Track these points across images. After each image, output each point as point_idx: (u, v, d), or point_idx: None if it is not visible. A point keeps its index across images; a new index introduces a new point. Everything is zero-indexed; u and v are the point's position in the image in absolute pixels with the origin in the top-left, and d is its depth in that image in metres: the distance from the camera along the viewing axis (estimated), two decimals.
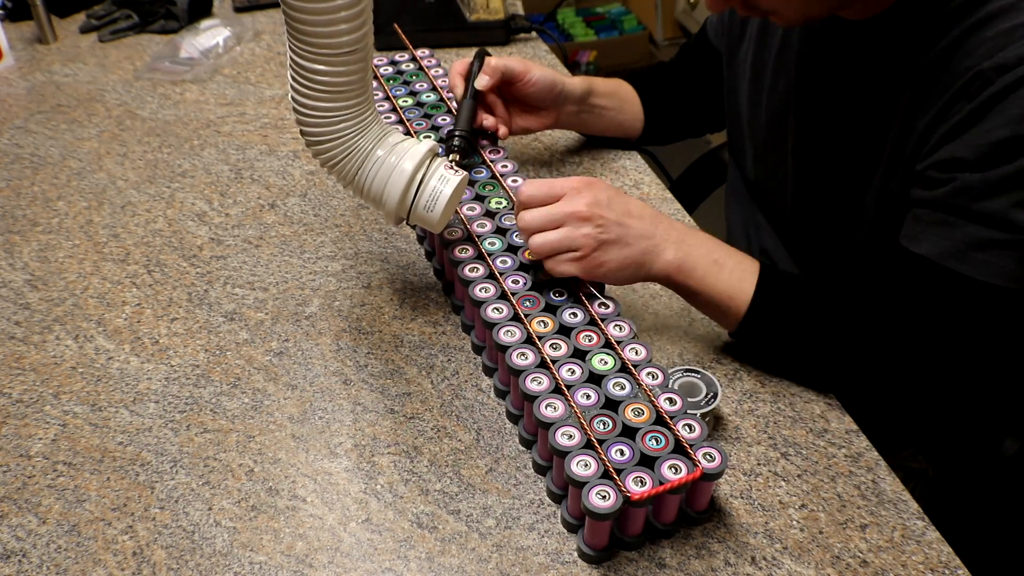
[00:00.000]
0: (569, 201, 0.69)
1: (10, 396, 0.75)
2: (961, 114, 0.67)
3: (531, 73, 0.89)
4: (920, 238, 0.70)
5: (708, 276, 0.71)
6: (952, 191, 0.68)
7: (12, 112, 1.14)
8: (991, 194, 0.66)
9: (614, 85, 1.03)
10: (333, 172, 0.70)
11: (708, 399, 0.68)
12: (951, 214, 0.68)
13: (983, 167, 0.66)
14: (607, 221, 0.69)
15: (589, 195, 0.69)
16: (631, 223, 0.70)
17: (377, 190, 0.70)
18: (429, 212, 0.71)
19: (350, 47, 0.62)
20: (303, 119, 0.66)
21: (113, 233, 0.93)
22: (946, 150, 0.68)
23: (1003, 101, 0.65)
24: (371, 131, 0.69)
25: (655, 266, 0.71)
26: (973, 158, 0.66)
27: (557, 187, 0.70)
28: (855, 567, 0.62)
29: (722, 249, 0.73)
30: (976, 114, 0.66)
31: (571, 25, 2.99)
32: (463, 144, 0.83)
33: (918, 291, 0.71)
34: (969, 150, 0.67)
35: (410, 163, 0.69)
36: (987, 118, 0.66)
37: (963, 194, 0.67)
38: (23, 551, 0.63)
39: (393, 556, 0.62)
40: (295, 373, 0.76)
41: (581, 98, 0.96)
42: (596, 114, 0.99)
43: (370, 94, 0.68)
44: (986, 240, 0.67)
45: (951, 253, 0.68)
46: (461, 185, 0.72)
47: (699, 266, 0.71)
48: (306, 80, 0.63)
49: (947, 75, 0.69)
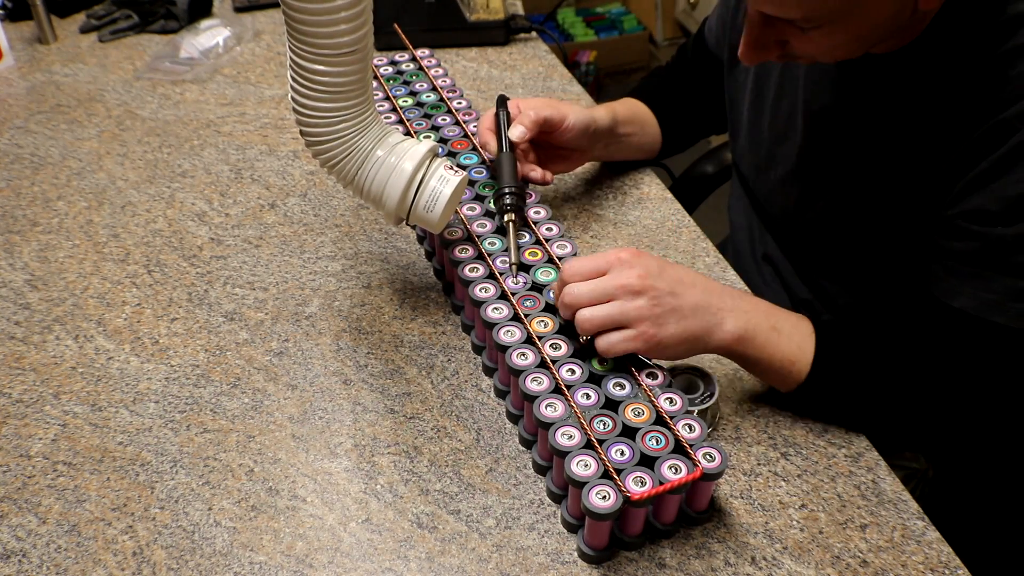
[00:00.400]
0: (618, 274, 0.65)
1: (10, 396, 0.75)
2: (986, 163, 0.66)
3: (567, 120, 0.85)
4: (957, 292, 0.69)
5: (769, 344, 0.68)
6: (984, 245, 0.68)
7: (12, 112, 1.14)
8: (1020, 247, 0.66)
9: (632, 107, 1.01)
10: (333, 172, 0.70)
11: (705, 396, 0.69)
12: (985, 268, 0.68)
13: (1012, 220, 0.66)
14: (660, 292, 0.64)
15: (639, 266, 0.65)
16: (685, 293, 0.66)
17: (377, 190, 0.70)
18: (429, 212, 0.71)
19: (350, 47, 0.62)
20: (303, 119, 0.66)
21: (113, 233, 0.93)
22: (973, 201, 0.68)
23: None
24: (371, 131, 0.69)
25: (714, 338, 0.67)
26: (1000, 211, 0.66)
27: (602, 260, 0.66)
28: (855, 567, 0.62)
29: (778, 314, 0.71)
30: (1001, 165, 0.66)
31: (571, 25, 2.99)
32: (516, 201, 0.77)
33: (959, 343, 0.70)
34: (996, 203, 0.66)
35: (410, 163, 0.69)
36: (1013, 171, 0.65)
37: (995, 248, 0.67)
38: (23, 551, 0.63)
39: (393, 556, 0.62)
40: (295, 373, 0.76)
41: (610, 130, 0.92)
42: (623, 143, 0.97)
43: (370, 94, 0.68)
44: (1022, 290, 0.67)
45: (989, 306, 0.68)
46: (461, 185, 0.72)
47: (759, 334, 0.68)
48: (306, 80, 0.63)
49: (967, 117, 0.68)
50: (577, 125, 0.85)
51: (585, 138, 0.88)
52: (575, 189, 0.99)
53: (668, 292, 0.65)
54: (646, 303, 0.64)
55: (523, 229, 0.79)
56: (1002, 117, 0.65)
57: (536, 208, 0.81)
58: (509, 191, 0.77)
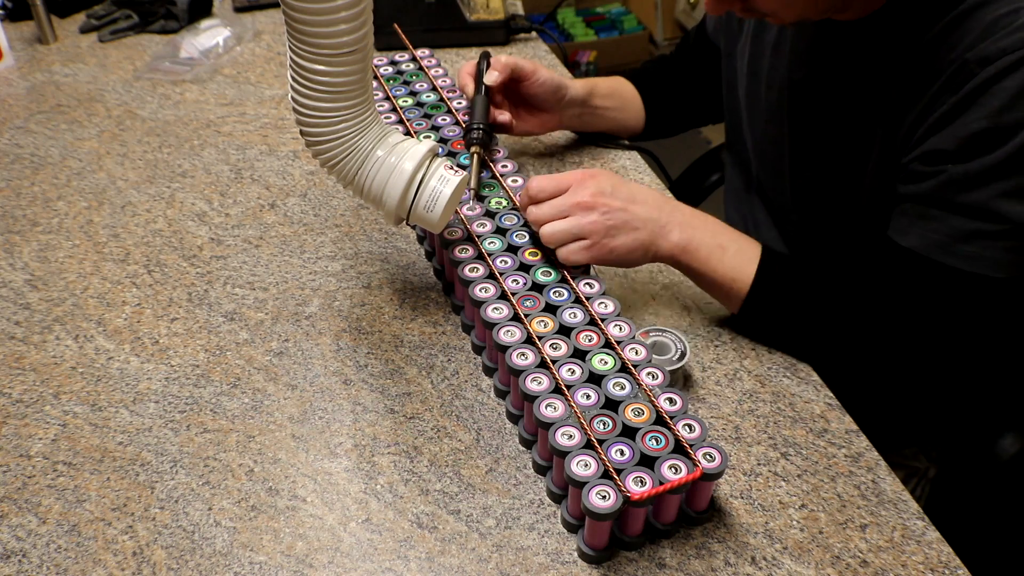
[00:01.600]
0: (574, 192, 0.72)
1: (10, 396, 0.75)
2: (945, 106, 0.68)
3: (538, 73, 0.92)
4: (907, 231, 0.72)
5: (712, 258, 0.74)
6: (936, 184, 0.69)
7: (12, 112, 1.14)
8: (974, 185, 0.68)
9: (614, 84, 1.05)
10: (333, 172, 0.70)
11: (676, 357, 0.71)
12: (936, 207, 0.70)
13: (965, 158, 0.68)
14: (612, 207, 0.71)
15: (593, 185, 0.72)
16: (635, 208, 0.72)
17: (377, 190, 0.70)
18: (429, 212, 0.71)
19: (350, 47, 0.62)
20: (303, 119, 0.66)
21: (113, 233, 0.93)
22: (930, 143, 0.70)
23: (985, 93, 0.66)
24: (371, 131, 0.69)
25: (662, 248, 0.74)
26: (955, 149, 0.68)
27: (563, 180, 0.73)
28: (855, 567, 0.62)
29: (727, 232, 0.76)
30: (959, 107, 0.68)
31: (571, 25, 2.99)
32: (483, 137, 0.85)
33: (907, 283, 0.72)
34: (951, 142, 0.68)
35: (410, 163, 0.69)
36: (969, 110, 0.67)
37: (947, 187, 0.69)
38: (23, 551, 0.63)
39: (393, 556, 0.62)
40: (295, 373, 0.76)
41: (584, 100, 0.97)
42: (598, 115, 1.01)
43: (370, 94, 0.68)
44: (972, 232, 0.68)
45: (937, 246, 0.70)
46: (461, 185, 0.72)
47: (703, 247, 0.74)
48: (306, 80, 0.63)
49: (932, 68, 0.70)
50: (548, 81, 0.92)
51: (554, 98, 0.94)
52: None
53: (619, 208, 0.72)
54: (598, 217, 0.71)
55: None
56: (962, 60, 0.67)
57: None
58: (477, 127, 0.86)
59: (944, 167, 0.69)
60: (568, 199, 0.72)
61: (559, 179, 0.73)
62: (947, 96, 0.69)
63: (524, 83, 0.92)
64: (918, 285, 0.72)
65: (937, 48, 0.70)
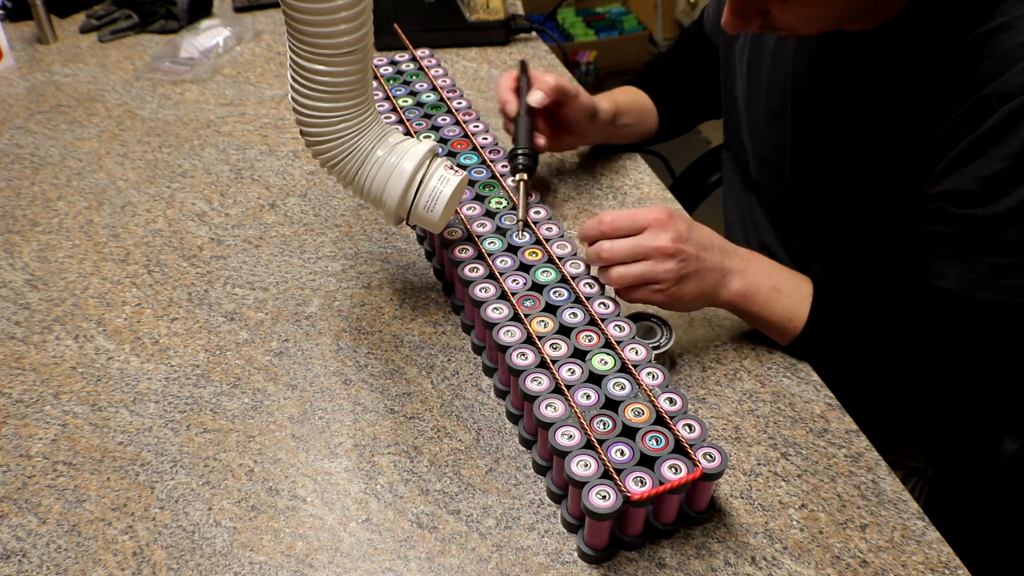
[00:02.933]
0: (655, 235, 0.70)
1: (10, 396, 0.75)
2: (964, 143, 0.69)
3: (580, 97, 0.90)
4: (943, 273, 0.72)
5: (769, 302, 0.75)
6: (966, 227, 0.70)
7: (12, 112, 1.14)
8: (1004, 226, 0.68)
9: (632, 97, 1.04)
10: (333, 172, 0.70)
11: (662, 341, 0.73)
12: (968, 248, 0.71)
13: (990, 199, 0.68)
14: (688, 255, 0.70)
15: (673, 230, 0.70)
16: (706, 256, 0.72)
17: (377, 190, 0.70)
18: (429, 212, 0.71)
19: (350, 47, 0.62)
20: (303, 119, 0.66)
21: (113, 233, 0.93)
22: (952, 181, 0.70)
23: (1007, 132, 0.66)
24: (371, 131, 0.69)
25: (721, 296, 0.74)
26: (978, 190, 0.68)
27: (641, 219, 0.70)
28: (855, 567, 0.62)
29: (782, 274, 0.76)
30: (980, 145, 0.68)
31: (571, 25, 2.99)
32: (528, 162, 0.82)
33: (947, 318, 0.74)
34: (974, 182, 0.68)
35: (410, 163, 0.69)
36: (991, 150, 0.67)
37: (977, 229, 0.70)
38: (23, 551, 0.63)
39: (393, 556, 0.62)
40: (295, 373, 0.76)
41: (612, 121, 0.97)
42: (621, 132, 1.01)
43: (370, 94, 0.67)
44: (1007, 266, 0.70)
45: (975, 283, 0.71)
46: (461, 185, 0.72)
47: (760, 293, 0.74)
48: (306, 80, 0.63)
49: (948, 94, 0.70)
50: (586, 105, 0.91)
51: (587, 121, 0.93)
52: (575, 189, 0.99)
53: (694, 256, 0.71)
54: (675, 265, 0.70)
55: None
56: (982, 94, 0.67)
57: (536, 208, 0.81)
58: (523, 152, 0.83)
59: (971, 210, 0.69)
60: (649, 242, 0.69)
61: (637, 216, 0.70)
62: (966, 131, 0.69)
63: (565, 107, 0.89)
64: (959, 322, 0.73)
65: (952, 72, 0.70)
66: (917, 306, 0.75)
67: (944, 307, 0.73)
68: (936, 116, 0.71)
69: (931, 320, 0.74)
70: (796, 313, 0.75)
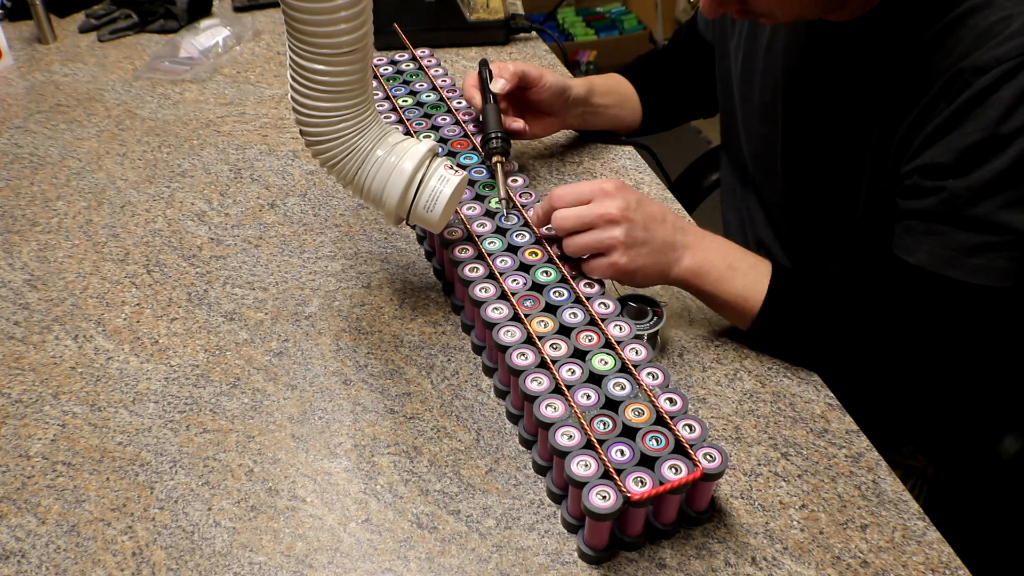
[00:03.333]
0: (600, 203, 0.71)
1: (9, 396, 0.75)
2: (941, 117, 0.69)
3: (544, 78, 0.91)
4: (913, 249, 0.72)
5: (723, 280, 0.74)
6: (939, 201, 0.70)
7: (12, 112, 1.14)
8: (976, 199, 0.68)
9: (612, 81, 1.06)
10: (333, 172, 0.70)
11: (653, 321, 0.73)
12: (940, 222, 0.70)
13: (964, 171, 0.68)
14: (635, 225, 0.71)
15: (621, 199, 0.71)
16: (656, 229, 0.72)
17: (377, 190, 0.70)
18: (429, 212, 0.71)
19: (350, 47, 0.61)
20: (303, 119, 0.66)
21: (113, 233, 0.93)
22: (928, 155, 0.70)
23: (981, 104, 0.67)
24: (371, 131, 0.69)
25: (673, 271, 0.74)
26: (954, 162, 0.68)
27: (587, 189, 0.72)
28: (855, 567, 0.62)
29: (737, 253, 0.76)
30: (955, 117, 0.68)
31: (571, 25, 2.99)
32: (503, 145, 0.84)
33: (916, 298, 0.73)
34: (949, 154, 0.69)
35: (410, 163, 0.69)
36: (966, 122, 0.68)
37: (949, 202, 0.69)
38: (23, 551, 0.63)
39: (393, 556, 0.62)
40: (295, 373, 0.76)
41: (585, 99, 0.98)
42: (599, 113, 1.02)
43: (370, 94, 0.67)
44: (977, 245, 0.69)
45: (945, 261, 0.71)
46: (461, 185, 0.72)
47: (713, 271, 0.74)
48: (306, 80, 0.63)
49: (927, 73, 0.71)
50: (554, 85, 0.91)
51: (560, 101, 0.93)
52: None
53: (642, 226, 0.71)
54: (621, 233, 0.70)
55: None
56: (958, 68, 0.68)
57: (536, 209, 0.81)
58: (495, 136, 0.84)
59: (945, 182, 0.69)
60: (594, 209, 0.71)
61: (582, 188, 0.72)
62: (942, 106, 0.69)
63: (531, 90, 0.91)
64: (927, 300, 0.72)
65: (931, 53, 0.70)
66: (886, 283, 0.75)
67: (913, 285, 0.73)
68: (916, 95, 0.72)
69: (899, 298, 0.74)
70: (752, 292, 0.74)
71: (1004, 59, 0.65)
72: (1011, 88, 0.65)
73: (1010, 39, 0.66)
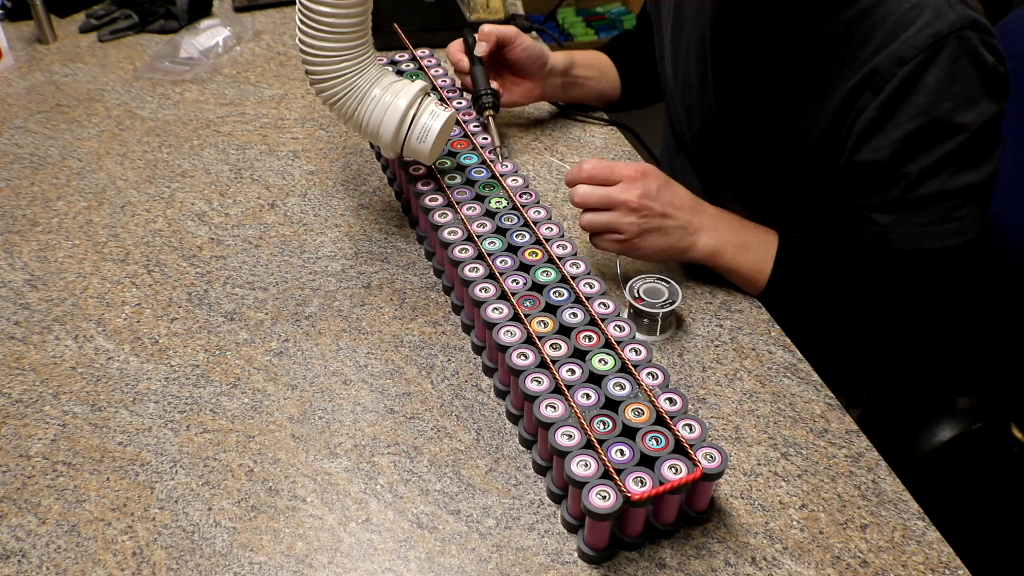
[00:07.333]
0: (624, 189, 0.76)
1: (10, 396, 0.75)
2: (871, 111, 0.74)
3: (520, 38, 0.97)
4: (888, 237, 0.78)
5: (738, 257, 0.81)
6: (893, 194, 0.76)
7: (12, 112, 1.14)
8: (926, 179, 0.74)
9: (592, 56, 1.11)
10: (334, 109, 0.78)
11: (667, 302, 0.76)
12: (903, 209, 0.76)
13: (907, 159, 0.74)
14: (652, 212, 0.77)
15: (642, 186, 0.76)
16: (672, 214, 0.78)
17: (374, 125, 0.78)
18: (421, 143, 0.78)
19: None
20: (309, 59, 0.73)
21: (113, 233, 0.93)
22: (868, 150, 0.75)
23: (909, 93, 0.71)
24: (369, 72, 0.76)
25: (689, 252, 0.81)
26: (895, 152, 0.74)
27: (617, 172, 0.77)
28: (855, 567, 0.62)
29: (749, 230, 0.83)
30: (886, 109, 0.73)
31: (571, 25, 2.99)
32: (492, 100, 0.93)
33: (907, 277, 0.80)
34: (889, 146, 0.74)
35: (403, 100, 0.77)
36: (898, 112, 0.72)
37: (904, 192, 0.75)
38: (23, 551, 0.63)
39: (393, 556, 0.62)
40: (295, 373, 0.76)
41: (565, 70, 1.03)
42: (579, 84, 1.06)
43: (369, 38, 0.75)
44: (942, 214, 0.76)
45: (920, 237, 0.77)
46: (450, 121, 0.79)
47: (728, 249, 0.81)
48: (312, 21, 0.70)
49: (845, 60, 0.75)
50: (530, 47, 0.97)
51: (536, 66, 0.99)
52: None
53: (659, 214, 0.77)
54: (637, 220, 0.76)
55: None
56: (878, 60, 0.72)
57: (536, 208, 0.81)
58: (484, 93, 0.93)
59: (894, 172, 0.75)
60: (617, 194, 0.76)
61: (614, 169, 0.77)
62: (868, 96, 0.73)
63: (508, 48, 0.96)
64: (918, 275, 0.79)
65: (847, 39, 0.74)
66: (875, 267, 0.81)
67: (899, 266, 0.79)
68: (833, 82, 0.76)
69: (891, 279, 0.80)
70: (763, 266, 0.82)
71: (923, 47, 0.70)
72: (934, 73, 0.70)
73: (925, 27, 0.70)
